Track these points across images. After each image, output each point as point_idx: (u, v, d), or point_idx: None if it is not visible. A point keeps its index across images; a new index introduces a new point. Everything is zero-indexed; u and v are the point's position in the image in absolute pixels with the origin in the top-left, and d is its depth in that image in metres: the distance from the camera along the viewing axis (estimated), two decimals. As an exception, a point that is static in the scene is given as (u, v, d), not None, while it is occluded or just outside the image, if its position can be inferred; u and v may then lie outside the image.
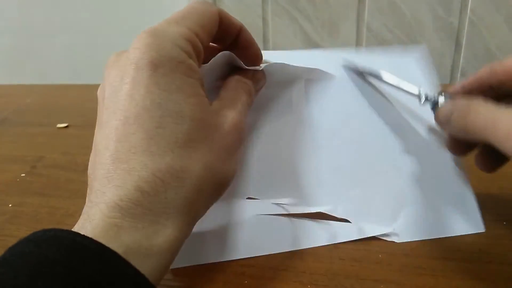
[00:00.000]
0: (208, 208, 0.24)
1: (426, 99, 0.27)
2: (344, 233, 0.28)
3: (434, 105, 0.27)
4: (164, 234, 0.20)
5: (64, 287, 0.16)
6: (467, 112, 0.23)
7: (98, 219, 0.19)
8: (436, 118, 0.26)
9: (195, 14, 0.23)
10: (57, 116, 0.52)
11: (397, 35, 0.59)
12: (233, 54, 0.26)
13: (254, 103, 0.28)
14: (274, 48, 0.62)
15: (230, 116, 0.24)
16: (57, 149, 0.43)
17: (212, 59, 0.26)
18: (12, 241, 0.18)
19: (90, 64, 0.74)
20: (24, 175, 0.39)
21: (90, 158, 0.23)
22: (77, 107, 0.55)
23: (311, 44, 0.61)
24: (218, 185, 0.23)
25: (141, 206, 0.19)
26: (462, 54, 0.59)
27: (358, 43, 0.60)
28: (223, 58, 0.26)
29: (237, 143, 0.24)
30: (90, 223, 0.19)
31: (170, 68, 0.21)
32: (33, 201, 0.35)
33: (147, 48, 0.21)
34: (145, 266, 0.19)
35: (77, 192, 0.36)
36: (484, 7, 0.56)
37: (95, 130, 0.23)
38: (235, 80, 0.26)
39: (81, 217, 0.20)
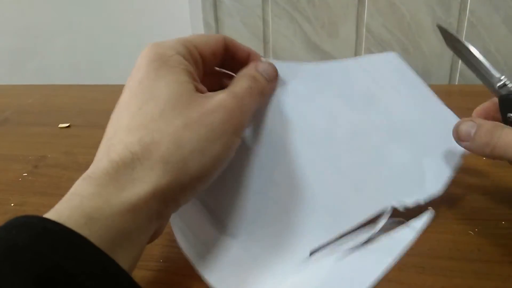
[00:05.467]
0: (180, 187, 0.22)
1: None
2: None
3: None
4: (127, 202, 0.20)
5: (31, 273, 0.16)
6: (496, 132, 0.25)
7: (67, 194, 0.21)
8: (455, 133, 0.27)
9: (196, 35, 0.28)
10: (58, 116, 0.52)
11: (396, 36, 0.59)
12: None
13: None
14: (274, 48, 0.62)
15: (217, 97, 0.24)
16: (59, 149, 0.44)
17: None
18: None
19: (91, 65, 0.74)
20: (26, 174, 0.39)
21: None
22: (79, 107, 0.55)
23: (310, 44, 0.61)
24: (189, 163, 0.22)
25: (109, 174, 0.21)
26: (461, 55, 0.60)
27: (357, 44, 0.61)
28: None
29: (224, 123, 0.23)
30: (61, 200, 0.21)
31: (160, 63, 0.24)
32: (35, 200, 0.35)
33: (146, 52, 0.25)
34: (107, 236, 0.19)
35: (78, 191, 0.36)
36: (483, 8, 0.56)
37: None
38: (238, 74, 0.28)
39: None
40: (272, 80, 0.29)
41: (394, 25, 0.59)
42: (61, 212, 0.19)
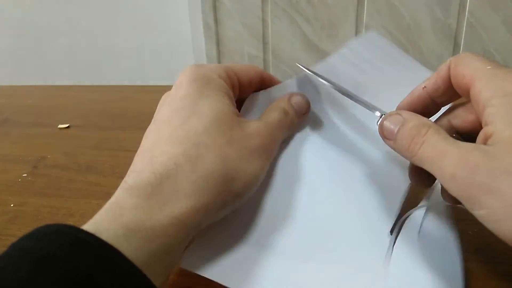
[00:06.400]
0: (221, 203, 0.23)
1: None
2: None
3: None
4: (170, 216, 0.20)
5: (64, 284, 0.16)
6: (417, 138, 0.21)
7: (107, 203, 0.20)
8: (380, 129, 0.24)
9: (237, 64, 0.29)
10: (58, 116, 0.52)
11: (395, 37, 0.59)
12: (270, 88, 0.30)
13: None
14: (273, 49, 0.62)
15: (254, 124, 0.26)
16: (59, 150, 0.44)
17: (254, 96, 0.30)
18: (14, 241, 0.18)
19: (91, 65, 0.74)
20: (25, 175, 0.39)
21: None
22: (78, 108, 0.55)
23: (310, 45, 0.61)
24: (232, 180, 0.23)
25: (151, 186, 0.21)
26: (460, 56, 0.60)
27: (357, 45, 0.61)
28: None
29: (260, 148, 0.25)
30: (101, 209, 0.20)
31: (203, 83, 0.25)
32: (35, 201, 0.35)
33: (188, 71, 0.26)
34: (145, 250, 0.19)
35: (78, 192, 0.36)
36: (482, 9, 0.56)
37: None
38: (272, 104, 0.29)
39: None
40: (303, 114, 0.30)
41: (394, 25, 0.59)
42: (99, 222, 0.19)
